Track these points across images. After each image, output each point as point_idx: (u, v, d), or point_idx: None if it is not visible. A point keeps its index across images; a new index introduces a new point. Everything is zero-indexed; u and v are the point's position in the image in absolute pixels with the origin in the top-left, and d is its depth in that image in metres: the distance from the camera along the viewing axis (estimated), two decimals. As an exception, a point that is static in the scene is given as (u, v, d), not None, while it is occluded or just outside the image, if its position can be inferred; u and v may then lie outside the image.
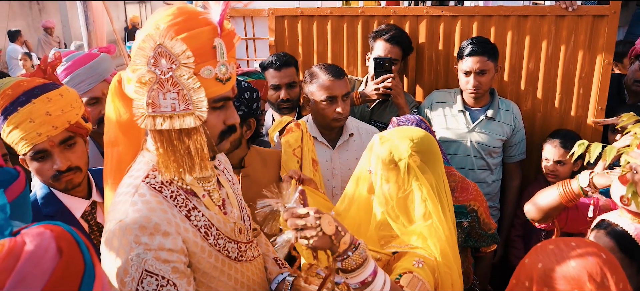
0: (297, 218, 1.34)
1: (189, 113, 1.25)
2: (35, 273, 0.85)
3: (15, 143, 1.71)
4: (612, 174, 1.88)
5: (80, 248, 0.94)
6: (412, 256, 1.59)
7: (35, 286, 0.84)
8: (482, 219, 2.31)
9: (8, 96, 1.67)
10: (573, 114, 3.08)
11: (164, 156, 1.30)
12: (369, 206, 1.79)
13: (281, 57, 2.85)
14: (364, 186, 1.79)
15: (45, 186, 1.82)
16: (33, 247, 0.87)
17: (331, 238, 1.35)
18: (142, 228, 1.24)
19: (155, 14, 1.30)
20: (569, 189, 2.01)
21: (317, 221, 1.33)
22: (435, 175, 1.69)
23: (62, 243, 0.91)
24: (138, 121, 1.25)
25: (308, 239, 1.32)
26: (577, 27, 2.95)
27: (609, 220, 1.75)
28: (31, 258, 0.86)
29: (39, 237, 0.89)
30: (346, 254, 1.37)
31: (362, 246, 1.40)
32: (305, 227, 1.33)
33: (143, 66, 1.22)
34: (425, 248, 1.62)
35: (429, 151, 1.70)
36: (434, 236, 1.62)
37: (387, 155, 1.68)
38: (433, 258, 1.59)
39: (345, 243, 1.37)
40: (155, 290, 1.24)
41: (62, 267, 0.88)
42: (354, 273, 1.38)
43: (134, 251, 1.22)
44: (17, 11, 12.78)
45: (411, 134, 1.72)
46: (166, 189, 1.34)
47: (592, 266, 1.27)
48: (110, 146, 1.46)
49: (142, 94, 1.24)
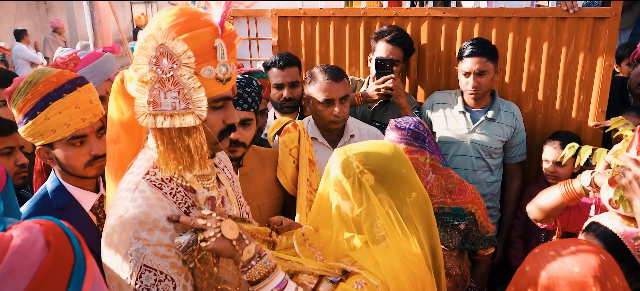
0: (199, 218, 1.33)
1: (189, 112, 1.27)
2: (22, 266, 0.86)
3: (52, 129, 1.75)
4: None
5: (71, 242, 0.96)
6: (356, 277, 1.50)
7: (23, 279, 0.86)
8: (480, 222, 2.32)
9: (53, 83, 1.74)
10: (574, 115, 3.09)
11: (164, 153, 1.33)
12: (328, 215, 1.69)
13: (284, 57, 2.87)
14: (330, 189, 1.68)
15: (56, 179, 1.86)
16: (20, 241, 0.89)
17: (232, 244, 1.33)
18: (141, 223, 1.26)
19: (157, 15, 1.32)
20: (570, 189, 2.02)
21: (217, 223, 1.33)
22: (393, 196, 1.56)
23: (50, 236, 0.92)
24: (139, 119, 1.28)
25: (206, 240, 1.31)
26: (578, 29, 2.96)
27: (599, 222, 1.76)
28: (18, 251, 0.87)
29: (27, 231, 0.91)
30: (250, 264, 1.36)
31: (267, 257, 1.38)
32: (205, 227, 1.31)
33: (145, 65, 1.25)
34: (376, 273, 1.49)
35: (386, 170, 1.58)
36: (387, 260, 1.50)
37: (339, 171, 1.59)
38: (378, 283, 1.46)
39: (248, 252, 1.36)
40: (154, 284, 1.26)
41: (51, 260, 0.90)
42: (259, 284, 1.37)
43: (133, 246, 1.25)
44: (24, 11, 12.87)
45: (369, 149, 1.62)
46: (166, 186, 1.37)
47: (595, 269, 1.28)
48: (112, 144, 1.49)
49: (144, 93, 1.26)
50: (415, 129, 2.22)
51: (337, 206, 1.61)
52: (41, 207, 1.80)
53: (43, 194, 1.85)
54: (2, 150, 2.10)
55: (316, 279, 1.54)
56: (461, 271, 2.39)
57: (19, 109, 1.75)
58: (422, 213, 1.63)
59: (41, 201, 1.83)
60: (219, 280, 1.44)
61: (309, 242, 1.66)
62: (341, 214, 1.61)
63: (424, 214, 1.64)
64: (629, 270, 1.61)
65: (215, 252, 1.33)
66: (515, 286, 1.40)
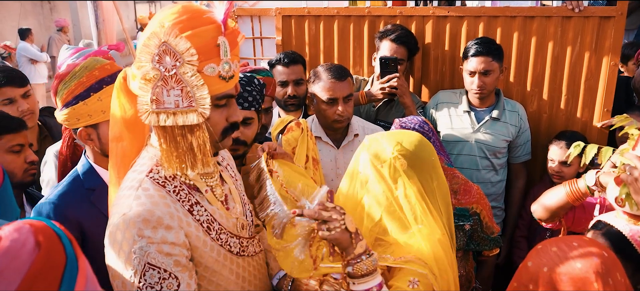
0: (324, 209, 1.43)
1: (192, 110, 1.27)
2: (12, 267, 0.86)
3: (103, 110, 1.87)
4: None
5: (62, 242, 0.95)
6: (406, 274, 1.55)
7: (13, 280, 0.85)
8: (485, 223, 2.31)
9: (107, 70, 1.91)
10: (579, 115, 3.07)
11: (167, 151, 1.32)
12: (361, 206, 1.78)
13: (289, 54, 2.88)
14: (357, 185, 1.78)
15: (87, 162, 1.96)
16: (9, 242, 0.88)
17: (351, 236, 1.43)
18: (145, 221, 1.26)
19: (160, 12, 1.32)
20: (575, 188, 2.01)
21: (342, 215, 1.43)
22: (423, 181, 1.66)
23: (40, 237, 0.92)
24: (142, 117, 1.28)
25: (330, 231, 1.41)
26: (584, 29, 2.94)
27: (605, 221, 1.75)
28: (7, 252, 0.87)
29: (17, 232, 0.90)
30: (360, 258, 1.44)
31: (375, 256, 1.46)
32: (330, 219, 1.41)
33: (148, 63, 1.25)
34: (418, 260, 1.57)
35: (417, 157, 1.67)
36: (427, 240, 1.59)
37: (373, 157, 1.69)
38: (427, 272, 1.54)
39: (361, 247, 1.45)
40: (158, 282, 1.26)
41: (41, 261, 0.89)
42: (362, 279, 1.42)
43: (137, 244, 1.25)
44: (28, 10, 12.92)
45: (401, 137, 1.71)
46: (169, 184, 1.36)
47: (597, 265, 1.27)
48: (115, 142, 1.48)
49: (147, 91, 1.26)
50: (420, 129, 2.22)
51: (372, 195, 1.69)
52: (74, 187, 1.90)
53: (75, 176, 1.94)
54: (13, 147, 2.13)
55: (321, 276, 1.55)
56: (466, 272, 2.38)
57: (70, 90, 1.86)
58: (444, 198, 1.72)
59: (73, 181, 1.92)
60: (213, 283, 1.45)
61: None
62: (377, 200, 1.68)
63: (445, 201, 1.72)
64: (635, 268, 1.60)
65: (336, 242, 1.44)
66: (517, 282, 1.40)
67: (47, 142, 2.69)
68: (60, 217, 1.79)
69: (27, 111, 2.65)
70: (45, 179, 2.40)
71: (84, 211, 1.83)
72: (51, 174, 2.37)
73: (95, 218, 1.78)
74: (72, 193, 1.87)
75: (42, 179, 2.43)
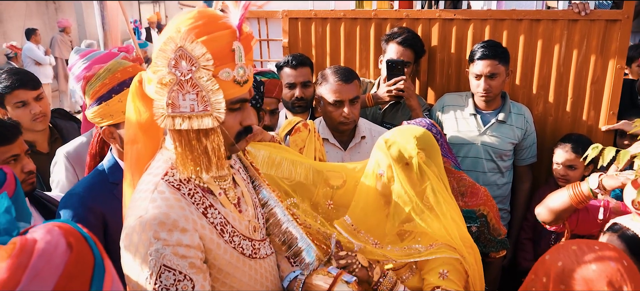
0: (340, 259, 1.72)
1: (208, 114, 1.29)
2: (48, 269, 0.88)
3: (123, 111, 1.86)
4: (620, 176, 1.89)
5: (89, 244, 0.98)
6: (436, 265, 1.75)
7: (49, 280, 0.88)
8: (492, 225, 2.32)
9: (129, 72, 1.97)
10: (584, 118, 3.08)
11: (182, 155, 1.34)
12: (379, 205, 1.87)
13: (297, 57, 2.90)
14: (378, 185, 1.86)
15: (113, 158, 2.05)
16: (44, 244, 0.90)
17: (367, 270, 1.72)
18: (161, 224, 1.28)
19: (176, 17, 1.34)
20: (578, 191, 2.03)
21: (355, 258, 1.72)
22: (437, 165, 1.84)
23: (71, 238, 0.94)
24: (158, 121, 1.29)
25: (352, 272, 1.68)
26: (590, 32, 2.95)
27: (621, 224, 1.76)
28: (43, 254, 0.89)
29: (49, 234, 0.92)
30: (379, 282, 1.72)
31: (390, 274, 1.75)
32: (348, 264, 1.70)
33: (164, 67, 1.27)
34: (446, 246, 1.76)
35: (431, 145, 1.84)
36: (452, 222, 1.78)
37: (398, 156, 1.80)
38: (457, 256, 1.75)
39: (377, 274, 1.73)
40: (173, 284, 1.28)
41: (73, 262, 0.92)
42: None
43: (152, 247, 1.26)
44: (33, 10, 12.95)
45: (413, 133, 1.84)
46: (184, 187, 1.38)
47: (612, 271, 1.27)
48: (130, 144, 1.50)
49: (163, 95, 1.28)
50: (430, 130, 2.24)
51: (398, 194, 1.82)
52: (98, 181, 2.01)
53: (100, 171, 2.05)
54: (7, 159, 2.06)
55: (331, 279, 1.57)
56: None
57: (95, 91, 1.94)
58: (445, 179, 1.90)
59: (98, 175, 2.03)
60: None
61: (357, 229, 1.88)
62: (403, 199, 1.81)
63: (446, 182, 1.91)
64: None
65: (358, 279, 1.67)
66: (534, 274, 1.42)
67: (57, 144, 2.71)
68: (85, 208, 1.90)
69: (39, 113, 2.67)
70: (55, 179, 2.42)
71: (108, 204, 1.93)
72: (61, 175, 2.39)
73: (118, 210, 1.84)
74: (98, 186, 1.99)
75: (52, 180, 2.45)
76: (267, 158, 1.93)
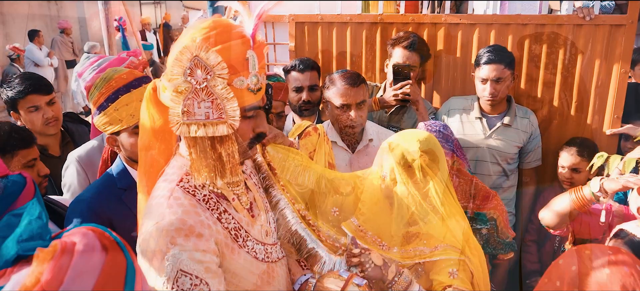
0: (352, 257, 1.71)
1: (222, 122, 1.31)
2: (88, 269, 0.92)
3: (120, 119, 1.95)
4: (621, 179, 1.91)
5: (119, 246, 1.01)
6: (445, 265, 1.76)
7: (89, 280, 0.91)
8: (501, 228, 2.35)
9: (123, 80, 2.00)
10: (589, 122, 3.10)
11: (197, 161, 1.37)
12: (384, 207, 1.90)
13: (305, 61, 2.92)
14: (383, 187, 1.89)
15: (121, 164, 2.07)
16: (83, 246, 0.94)
17: (381, 269, 1.69)
18: (178, 229, 1.30)
19: (191, 27, 1.36)
20: (580, 195, 2.04)
21: (368, 257, 1.70)
22: (441, 168, 1.84)
23: (105, 241, 0.98)
24: (173, 128, 1.32)
25: (364, 271, 1.68)
26: (594, 36, 2.97)
27: (627, 230, 1.78)
28: (83, 255, 0.93)
29: (86, 237, 0.96)
30: (394, 281, 1.69)
31: (405, 273, 1.72)
32: (361, 262, 1.69)
33: (180, 75, 1.29)
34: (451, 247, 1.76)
35: (434, 147, 1.85)
36: (456, 224, 1.79)
37: (401, 158, 1.82)
38: (462, 258, 1.76)
39: (391, 273, 1.71)
40: (189, 288, 1.30)
41: (109, 263, 0.95)
42: None
43: (170, 252, 1.29)
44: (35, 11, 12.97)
45: (417, 136, 1.85)
46: (199, 192, 1.41)
47: (625, 276, 1.29)
48: (144, 150, 1.52)
49: (178, 103, 1.30)
50: (444, 132, 2.29)
51: (402, 196, 1.84)
52: (107, 186, 2.03)
53: (109, 176, 2.07)
54: (29, 162, 2.17)
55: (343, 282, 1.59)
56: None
57: (95, 100, 1.98)
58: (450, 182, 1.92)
59: (107, 181, 2.06)
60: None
61: (364, 231, 1.88)
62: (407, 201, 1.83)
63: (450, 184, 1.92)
64: None
65: (370, 278, 1.68)
66: (547, 278, 1.44)
67: (69, 147, 2.74)
68: (92, 213, 1.91)
69: (51, 118, 2.70)
70: (67, 183, 2.44)
71: (115, 209, 1.96)
72: (72, 178, 2.41)
73: (125, 215, 1.88)
74: (105, 191, 2.01)
75: (64, 184, 2.47)
76: (283, 162, 1.95)
